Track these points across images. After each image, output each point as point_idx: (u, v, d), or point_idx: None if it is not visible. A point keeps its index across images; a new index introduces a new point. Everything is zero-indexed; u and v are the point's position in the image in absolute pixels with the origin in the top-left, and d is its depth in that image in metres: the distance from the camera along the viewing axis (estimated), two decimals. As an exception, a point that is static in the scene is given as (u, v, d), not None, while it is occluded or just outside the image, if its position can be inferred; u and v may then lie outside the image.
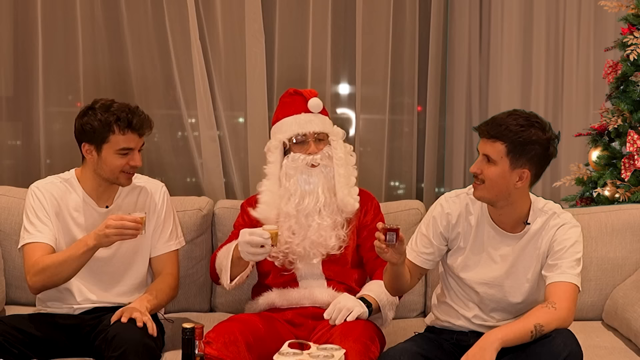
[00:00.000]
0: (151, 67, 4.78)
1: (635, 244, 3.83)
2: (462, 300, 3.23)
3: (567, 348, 2.85)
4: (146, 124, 3.38)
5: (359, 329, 3.23)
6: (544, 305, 2.94)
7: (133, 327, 3.14)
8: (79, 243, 3.23)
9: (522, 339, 2.86)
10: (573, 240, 3.07)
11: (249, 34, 4.69)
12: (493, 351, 2.82)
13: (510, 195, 3.03)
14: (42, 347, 3.23)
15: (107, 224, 3.14)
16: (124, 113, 3.32)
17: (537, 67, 4.83)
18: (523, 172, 3.00)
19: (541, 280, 3.11)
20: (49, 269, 3.23)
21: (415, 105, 4.89)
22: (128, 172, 3.38)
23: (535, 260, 3.11)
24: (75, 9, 4.70)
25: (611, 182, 4.23)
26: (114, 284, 3.46)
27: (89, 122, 3.33)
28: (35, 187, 3.44)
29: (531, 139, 2.97)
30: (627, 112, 4.27)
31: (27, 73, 4.77)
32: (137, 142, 3.37)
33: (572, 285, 3.00)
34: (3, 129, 4.85)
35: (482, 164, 3.03)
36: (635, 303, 3.52)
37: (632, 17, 4.31)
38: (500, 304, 3.16)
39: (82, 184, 3.44)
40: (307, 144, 3.55)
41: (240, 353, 3.17)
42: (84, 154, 3.39)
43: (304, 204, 3.50)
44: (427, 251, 3.22)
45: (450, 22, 4.85)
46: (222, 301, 4.00)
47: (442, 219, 3.20)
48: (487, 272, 3.15)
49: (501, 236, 3.14)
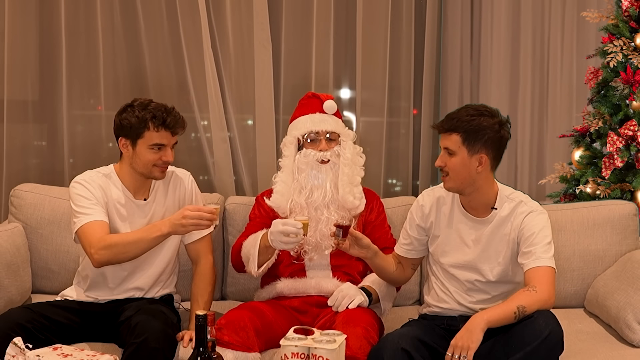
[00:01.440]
0: (167, 73, 4.79)
1: (615, 237, 3.84)
2: (445, 284, 3.28)
3: (548, 327, 2.88)
4: (179, 124, 3.37)
5: (360, 316, 3.25)
6: (525, 289, 2.98)
7: (154, 317, 3.16)
8: (152, 227, 3.23)
9: (506, 320, 2.91)
10: (541, 226, 3.12)
11: (257, 43, 4.70)
12: (479, 331, 2.86)
13: (475, 181, 3.12)
14: (66, 333, 3.23)
15: (184, 214, 3.13)
16: (159, 112, 3.31)
17: (524, 74, 4.84)
18: (481, 156, 3.08)
19: (514, 263, 3.17)
20: (116, 247, 3.20)
21: (411, 108, 4.89)
22: (161, 166, 3.37)
23: (505, 245, 3.17)
24: (96, 19, 4.71)
25: (592, 180, 4.24)
26: (142, 270, 3.45)
27: (127, 118, 3.32)
28: (82, 179, 3.38)
29: (482, 125, 3.05)
30: (607, 115, 4.28)
31: (51, 79, 4.77)
32: (170, 140, 3.36)
33: (548, 268, 3.04)
34: (29, 130, 4.85)
35: (444, 157, 3.13)
36: (615, 292, 3.52)
37: (611, 27, 4.32)
38: (477, 285, 3.21)
39: (121, 178, 3.43)
40: (319, 142, 3.57)
41: (249, 338, 3.18)
42: (121, 148, 3.38)
43: (313, 197, 3.52)
44: (405, 242, 3.38)
45: (443, 32, 4.85)
46: (233, 290, 4.01)
47: (417, 211, 3.34)
48: (461, 255, 3.23)
49: (472, 222, 3.21)
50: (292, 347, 2.72)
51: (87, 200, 3.31)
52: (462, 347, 2.85)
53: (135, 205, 3.43)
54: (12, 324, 3.11)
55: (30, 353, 2.73)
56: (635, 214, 3.88)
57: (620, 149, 4.16)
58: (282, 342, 2.76)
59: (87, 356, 2.71)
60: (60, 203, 3.92)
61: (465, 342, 2.86)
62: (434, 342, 3.09)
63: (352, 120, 4.91)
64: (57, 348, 2.79)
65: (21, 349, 2.76)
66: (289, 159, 3.61)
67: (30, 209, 3.92)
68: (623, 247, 3.83)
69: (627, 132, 4.15)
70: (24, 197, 3.94)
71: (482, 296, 3.22)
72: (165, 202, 3.50)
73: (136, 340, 3.06)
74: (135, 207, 3.43)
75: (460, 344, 2.86)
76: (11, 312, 3.24)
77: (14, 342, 2.78)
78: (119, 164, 3.46)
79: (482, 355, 2.89)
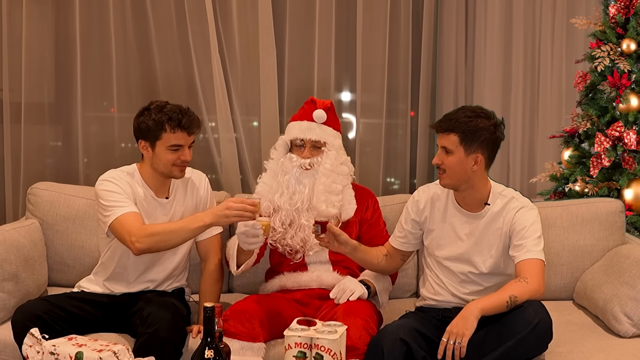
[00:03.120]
0: (176, 77, 4.79)
1: (602, 233, 3.83)
2: (440, 276, 3.28)
3: (538, 316, 2.90)
4: (195, 124, 3.34)
5: (360, 308, 3.25)
6: (517, 280, 2.99)
7: (165, 308, 3.17)
8: (194, 218, 3.19)
9: (499, 309, 2.92)
10: (532, 221, 3.13)
11: (262, 48, 4.70)
12: (474, 319, 2.88)
13: (470, 178, 3.12)
14: (82, 324, 3.24)
15: (227, 206, 3.09)
16: (175, 113, 3.28)
17: (516, 77, 4.83)
18: (477, 156, 3.08)
19: (505, 256, 3.17)
20: (158, 235, 3.16)
21: (408, 110, 4.89)
22: (180, 166, 3.35)
23: (498, 239, 3.17)
24: (109, 26, 4.72)
25: (581, 178, 4.23)
26: (160, 263, 3.46)
27: (145, 121, 3.29)
28: (110, 176, 3.35)
29: (479, 127, 3.06)
30: (595, 116, 4.27)
31: (67, 82, 4.78)
32: (187, 140, 3.33)
33: (538, 261, 3.06)
34: (46, 131, 4.86)
35: (441, 155, 3.12)
36: (602, 285, 3.52)
37: (599, 33, 4.31)
38: (470, 277, 3.22)
39: (144, 177, 3.41)
40: (303, 148, 3.56)
41: (254, 329, 3.19)
42: (141, 150, 3.36)
43: (294, 200, 3.50)
44: (400, 235, 3.40)
45: (439, 38, 4.84)
46: (239, 283, 4.00)
47: (412, 206, 3.36)
48: (455, 249, 3.23)
49: (465, 216, 3.21)
50: (296, 338, 2.72)
51: (118, 195, 3.28)
52: (457, 333, 2.87)
53: (158, 204, 3.42)
54: (30, 315, 3.12)
55: (47, 343, 2.73)
56: (622, 211, 3.87)
57: (607, 149, 4.15)
58: (286, 332, 2.77)
59: (100, 346, 2.71)
60: (75, 200, 3.92)
61: (461, 328, 2.87)
62: (430, 332, 3.10)
63: (352, 121, 4.90)
64: (72, 338, 2.79)
65: (38, 339, 2.76)
66: (274, 162, 3.59)
67: (47, 206, 3.92)
68: (610, 242, 3.83)
69: (614, 133, 4.15)
70: (40, 195, 3.95)
71: (475, 287, 3.22)
72: (185, 202, 3.49)
73: (148, 330, 3.07)
74: (158, 205, 3.42)
75: (455, 331, 2.87)
76: (29, 304, 3.25)
77: (31, 332, 2.78)
78: (141, 164, 3.44)
79: (476, 343, 2.89)
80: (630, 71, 4.19)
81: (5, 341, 3.28)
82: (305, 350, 2.71)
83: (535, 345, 2.96)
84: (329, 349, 2.68)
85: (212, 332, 2.69)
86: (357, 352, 3.03)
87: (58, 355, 2.69)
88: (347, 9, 4.84)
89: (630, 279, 3.36)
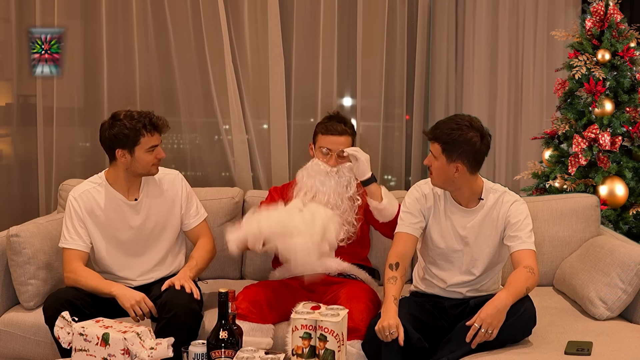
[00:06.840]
0: (193, 84, 4.79)
1: (579, 225, 3.82)
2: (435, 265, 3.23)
3: (523, 305, 2.92)
4: (165, 124, 3.32)
5: (361, 293, 3.25)
6: (525, 270, 2.95)
7: (182, 294, 3.16)
8: (106, 286, 3.21)
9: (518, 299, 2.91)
10: (525, 214, 3.11)
11: (271, 58, 4.69)
12: (504, 310, 2.85)
13: (454, 182, 3.07)
14: (108, 309, 3.21)
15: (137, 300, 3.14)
16: (147, 119, 3.25)
17: (501, 84, 4.81)
18: (457, 165, 3.01)
19: (500, 246, 3.14)
20: (78, 283, 3.23)
21: (404, 114, 4.87)
22: (157, 164, 3.33)
23: (494, 230, 3.13)
24: (133, 37, 4.73)
25: (560, 176, 4.22)
26: (143, 255, 3.42)
27: (121, 131, 3.22)
28: (72, 196, 3.34)
29: (460, 140, 2.98)
30: (573, 120, 4.26)
31: (94, 89, 4.78)
32: (159, 139, 3.32)
33: (534, 252, 3.05)
34: (76, 133, 4.87)
35: (430, 158, 3.08)
36: (579, 272, 3.51)
37: (577, 44, 4.30)
38: (467, 266, 3.17)
39: (112, 184, 3.35)
40: (330, 156, 3.53)
41: (263, 312, 3.20)
42: (118, 158, 3.27)
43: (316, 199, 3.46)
44: (415, 220, 3.18)
45: (431, 49, 4.83)
46: (250, 270, 4.00)
47: (420, 197, 3.20)
48: (455, 240, 3.16)
49: (461, 211, 3.16)
50: (302, 320, 2.72)
51: (72, 225, 3.30)
52: (491, 324, 2.83)
53: (128, 207, 3.36)
54: (62, 300, 3.13)
55: (76, 325, 2.74)
56: (597, 206, 3.86)
57: (584, 149, 4.14)
58: (292, 315, 2.76)
59: (125, 327, 2.71)
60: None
61: (494, 319, 2.83)
62: (423, 317, 3.09)
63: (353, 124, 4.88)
64: (99, 321, 2.79)
65: (68, 322, 2.76)
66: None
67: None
68: (586, 233, 3.81)
69: (590, 135, 4.14)
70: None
71: (468, 277, 3.18)
72: (159, 200, 3.43)
73: (167, 316, 3.08)
74: (129, 207, 3.36)
75: (489, 321, 2.83)
76: (61, 291, 3.25)
77: (62, 315, 2.78)
78: (109, 171, 3.37)
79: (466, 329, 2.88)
80: (605, 79, 4.18)
81: (39, 325, 3.29)
82: (311, 331, 2.70)
83: (520, 330, 2.95)
84: (332, 330, 2.68)
85: (226, 315, 2.69)
86: (359, 333, 3.04)
87: (87, 336, 2.69)
88: (348, 23, 4.82)
89: (605, 267, 3.35)
